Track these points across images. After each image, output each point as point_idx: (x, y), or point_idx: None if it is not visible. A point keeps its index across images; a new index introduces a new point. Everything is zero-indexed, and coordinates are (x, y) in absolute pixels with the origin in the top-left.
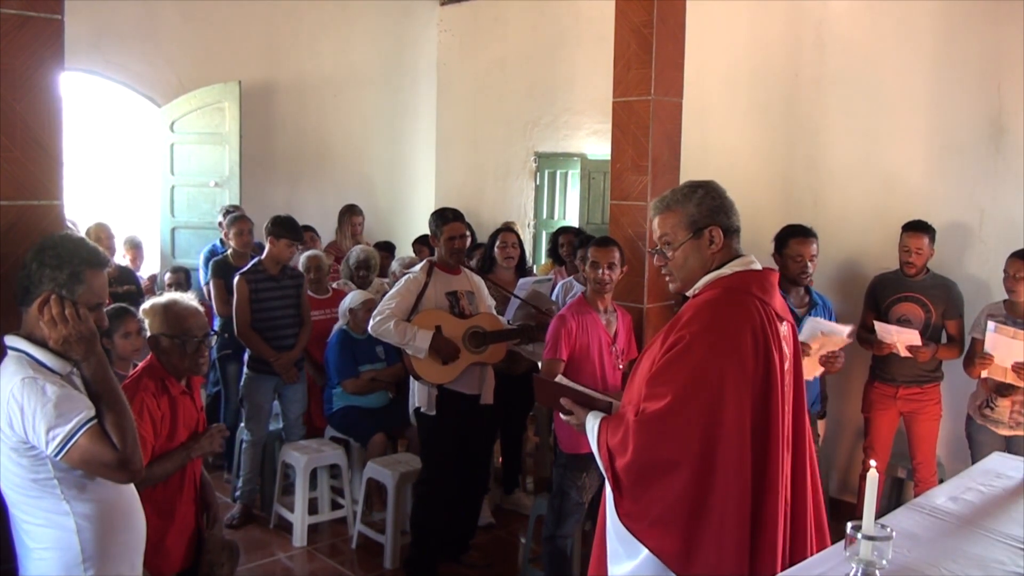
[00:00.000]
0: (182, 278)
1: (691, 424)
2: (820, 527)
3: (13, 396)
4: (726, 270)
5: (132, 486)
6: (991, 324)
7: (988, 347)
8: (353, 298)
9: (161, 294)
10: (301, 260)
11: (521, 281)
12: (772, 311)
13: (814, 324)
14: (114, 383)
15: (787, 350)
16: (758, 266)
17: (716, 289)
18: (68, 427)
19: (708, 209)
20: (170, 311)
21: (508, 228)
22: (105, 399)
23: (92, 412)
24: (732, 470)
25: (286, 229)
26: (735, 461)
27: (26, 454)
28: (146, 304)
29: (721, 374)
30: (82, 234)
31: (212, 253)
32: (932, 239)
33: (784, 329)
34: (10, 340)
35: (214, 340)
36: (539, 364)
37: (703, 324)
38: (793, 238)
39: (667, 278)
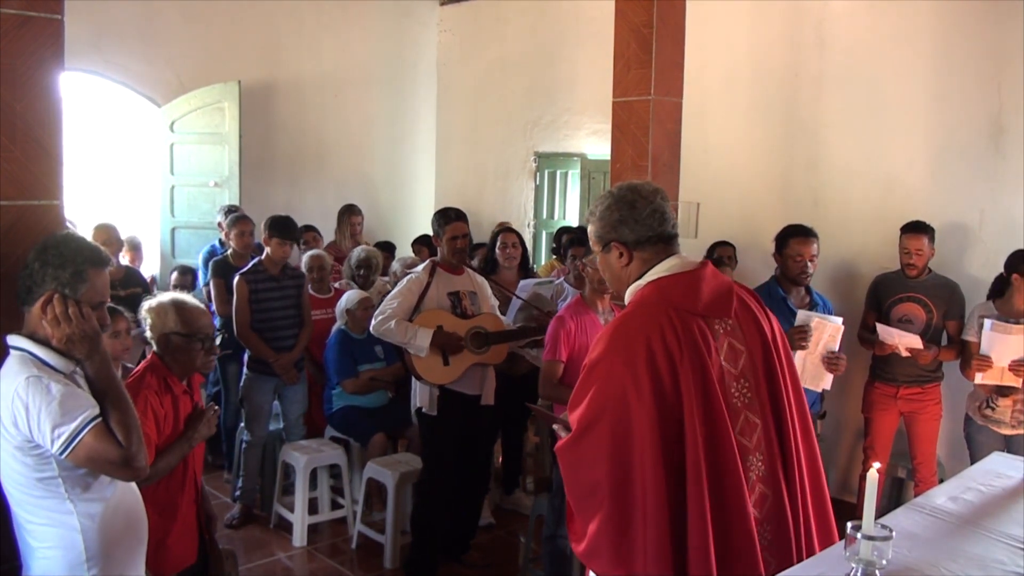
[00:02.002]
0: (188, 280)
1: (601, 447)
2: (825, 525)
3: (18, 395)
4: (643, 281)
5: (135, 485)
6: (988, 322)
7: (985, 346)
8: (349, 298)
9: (159, 294)
10: (304, 259)
11: (522, 283)
12: (691, 317)
13: (804, 315)
14: (118, 381)
15: (739, 345)
16: (687, 267)
17: (630, 305)
18: (73, 425)
19: (608, 224)
20: (183, 310)
21: (507, 228)
22: (109, 397)
23: (97, 410)
24: (650, 489)
25: (276, 228)
26: (651, 479)
27: (30, 453)
28: (151, 303)
29: (622, 393)
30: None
31: (211, 253)
32: (931, 239)
33: (724, 326)
34: (13, 339)
35: (219, 339)
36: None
37: (606, 344)
38: (794, 238)
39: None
